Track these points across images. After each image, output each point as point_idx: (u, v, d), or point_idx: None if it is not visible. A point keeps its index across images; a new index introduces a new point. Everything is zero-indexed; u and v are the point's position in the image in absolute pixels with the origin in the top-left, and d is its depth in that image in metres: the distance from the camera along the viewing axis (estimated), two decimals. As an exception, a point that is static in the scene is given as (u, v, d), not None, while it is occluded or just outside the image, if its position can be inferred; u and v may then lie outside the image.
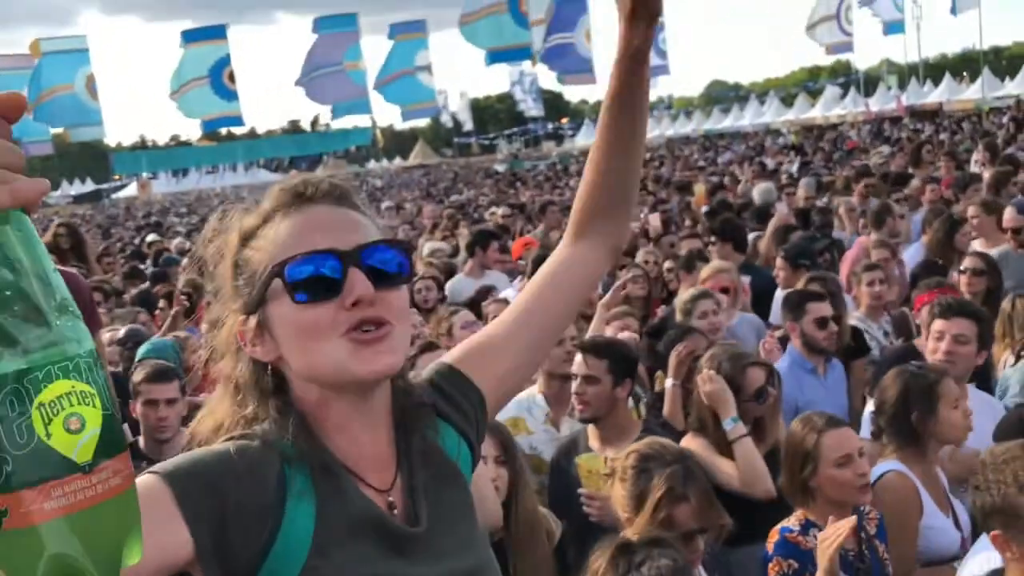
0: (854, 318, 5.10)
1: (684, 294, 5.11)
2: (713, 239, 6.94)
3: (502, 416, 3.95)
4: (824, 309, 4.43)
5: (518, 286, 5.94)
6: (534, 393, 3.99)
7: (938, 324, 3.77)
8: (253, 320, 1.24)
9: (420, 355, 3.68)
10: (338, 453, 1.24)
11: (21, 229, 0.74)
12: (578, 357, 3.58)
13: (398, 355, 1.22)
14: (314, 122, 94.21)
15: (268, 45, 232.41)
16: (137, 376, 3.96)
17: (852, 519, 2.68)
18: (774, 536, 2.99)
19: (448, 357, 1.47)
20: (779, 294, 5.74)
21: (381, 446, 1.28)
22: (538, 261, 6.04)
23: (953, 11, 35.07)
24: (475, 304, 5.67)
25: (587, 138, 57.82)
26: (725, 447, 3.41)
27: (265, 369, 1.25)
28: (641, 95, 1.46)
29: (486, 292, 6.05)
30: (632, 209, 1.57)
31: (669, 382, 4.00)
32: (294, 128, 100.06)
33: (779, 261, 6.14)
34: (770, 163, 20.11)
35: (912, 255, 6.60)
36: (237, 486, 1.16)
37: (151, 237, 16.25)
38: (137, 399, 3.89)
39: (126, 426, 3.84)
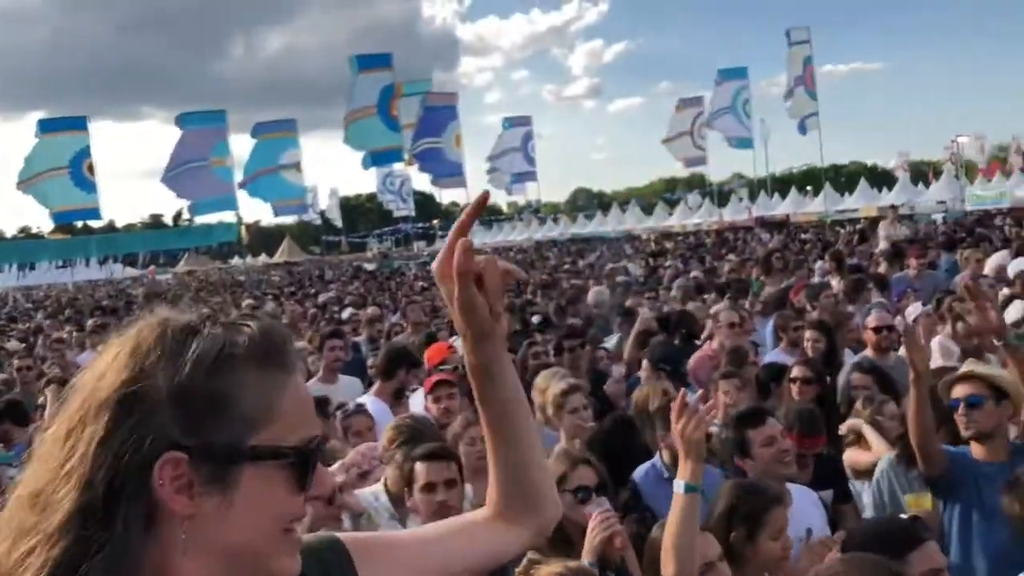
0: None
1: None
2: None
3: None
4: None
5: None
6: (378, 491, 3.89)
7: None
8: (203, 467, 1.00)
9: None
10: None
11: None
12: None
13: None
14: (176, 217, 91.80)
15: (131, 139, 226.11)
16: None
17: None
18: None
19: (345, 536, 1.34)
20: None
21: None
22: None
23: (802, 130, 37.88)
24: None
25: (456, 239, 58.39)
26: None
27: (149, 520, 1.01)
28: (504, 399, 1.37)
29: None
30: (545, 496, 1.44)
31: None
32: (155, 223, 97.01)
33: (645, 364, 6.18)
34: (631, 267, 20.76)
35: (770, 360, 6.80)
36: None
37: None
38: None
39: None
